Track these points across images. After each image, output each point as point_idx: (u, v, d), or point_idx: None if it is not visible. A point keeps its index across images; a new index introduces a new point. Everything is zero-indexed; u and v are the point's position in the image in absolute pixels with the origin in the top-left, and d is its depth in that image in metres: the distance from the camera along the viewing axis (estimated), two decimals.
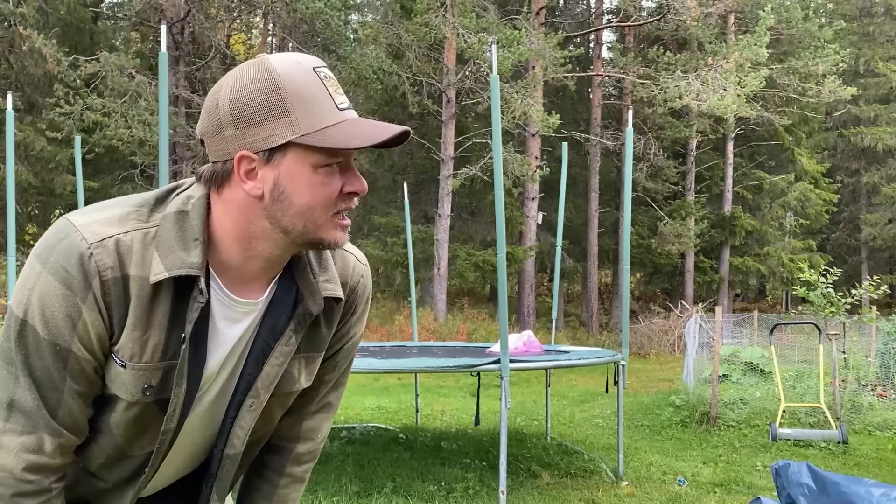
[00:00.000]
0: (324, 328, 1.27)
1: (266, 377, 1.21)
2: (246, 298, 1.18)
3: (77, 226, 1.08)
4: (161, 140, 4.68)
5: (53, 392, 1.10)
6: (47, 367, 1.09)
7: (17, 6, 16.68)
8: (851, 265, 27.64)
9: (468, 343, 9.85)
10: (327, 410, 1.40)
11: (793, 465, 3.71)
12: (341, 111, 1.08)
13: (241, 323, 1.19)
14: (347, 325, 1.33)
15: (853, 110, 26.64)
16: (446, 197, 17.90)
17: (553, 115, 16.62)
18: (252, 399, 1.22)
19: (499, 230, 4.64)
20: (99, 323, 1.08)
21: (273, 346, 1.20)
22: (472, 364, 4.94)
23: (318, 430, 1.39)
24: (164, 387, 1.14)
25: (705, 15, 19.78)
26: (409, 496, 4.78)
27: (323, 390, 1.37)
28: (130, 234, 1.09)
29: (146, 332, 1.10)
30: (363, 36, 18.18)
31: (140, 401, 1.14)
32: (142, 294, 1.09)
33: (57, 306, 1.06)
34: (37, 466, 1.11)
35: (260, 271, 1.17)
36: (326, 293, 1.21)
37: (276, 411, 1.30)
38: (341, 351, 1.35)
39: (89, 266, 1.06)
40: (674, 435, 7.31)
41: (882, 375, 8.92)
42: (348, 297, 1.29)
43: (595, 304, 21.95)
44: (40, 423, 1.10)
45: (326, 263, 1.24)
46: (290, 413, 1.34)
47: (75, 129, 14.60)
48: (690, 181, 22.75)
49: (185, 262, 1.08)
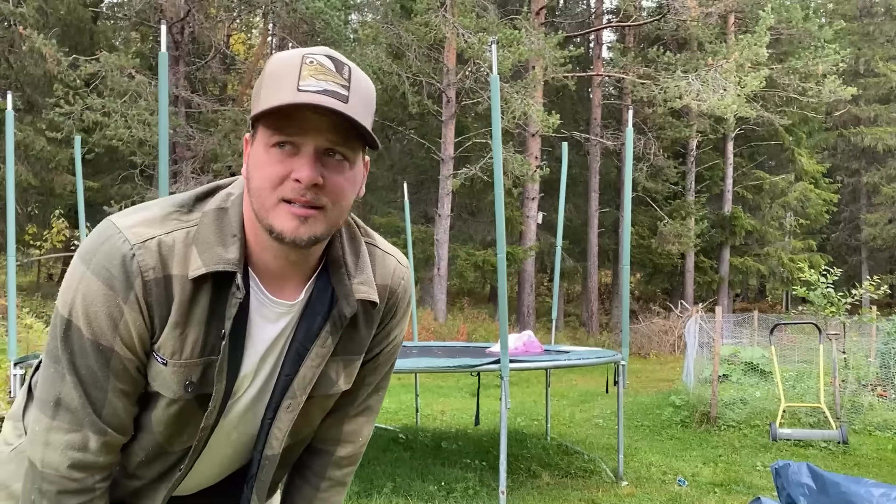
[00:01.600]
0: (363, 330, 1.27)
1: (303, 379, 1.22)
2: (282, 299, 1.19)
3: (120, 227, 1.11)
4: (161, 140, 4.67)
5: (98, 391, 1.12)
6: (91, 366, 1.11)
7: (17, 6, 16.68)
8: (851, 265, 27.64)
9: (468, 343, 9.85)
10: (368, 414, 1.39)
11: (793, 466, 3.71)
12: (301, 92, 1.04)
13: (276, 323, 1.20)
14: (388, 327, 1.32)
15: (853, 110, 26.63)
16: (446, 197, 17.90)
17: (553, 115, 16.61)
18: (289, 400, 1.23)
19: (499, 230, 4.64)
20: (140, 323, 1.10)
21: (309, 348, 1.21)
22: (472, 364, 4.94)
23: (358, 433, 1.38)
24: (204, 383, 1.16)
25: (705, 15, 19.76)
26: (409, 496, 4.78)
27: (363, 393, 1.36)
28: (172, 234, 1.12)
29: (186, 328, 1.12)
30: (363, 36, 18.16)
31: (182, 397, 1.15)
32: (184, 292, 1.11)
33: (99, 306, 1.09)
34: (82, 464, 1.13)
35: (289, 269, 1.18)
36: (360, 295, 1.20)
37: (315, 413, 1.30)
38: (382, 354, 1.34)
39: (132, 267, 1.08)
40: (674, 435, 7.31)
41: (882, 375, 8.92)
42: (389, 300, 1.29)
43: (595, 304, 21.94)
44: (86, 421, 1.12)
45: (363, 265, 1.23)
46: (331, 415, 1.35)
47: (75, 129, 14.59)
48: (690, 181, 22.75)
49: (222, 258, 1.11)
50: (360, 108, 1.08)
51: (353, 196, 1.14)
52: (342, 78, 1.07)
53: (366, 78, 1.12)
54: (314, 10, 15.64)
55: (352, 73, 1.09)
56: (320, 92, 1.05)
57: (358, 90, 1.09)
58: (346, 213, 1.16)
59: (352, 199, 1.14)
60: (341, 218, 1.15)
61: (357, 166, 1.13)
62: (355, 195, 1.15)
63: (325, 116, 1.05)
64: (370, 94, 1.12)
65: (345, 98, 1.06)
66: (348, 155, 1.10)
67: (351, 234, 1.26)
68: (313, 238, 1.10)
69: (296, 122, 1.06)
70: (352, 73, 1.09)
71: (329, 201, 1.10)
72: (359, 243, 1.25)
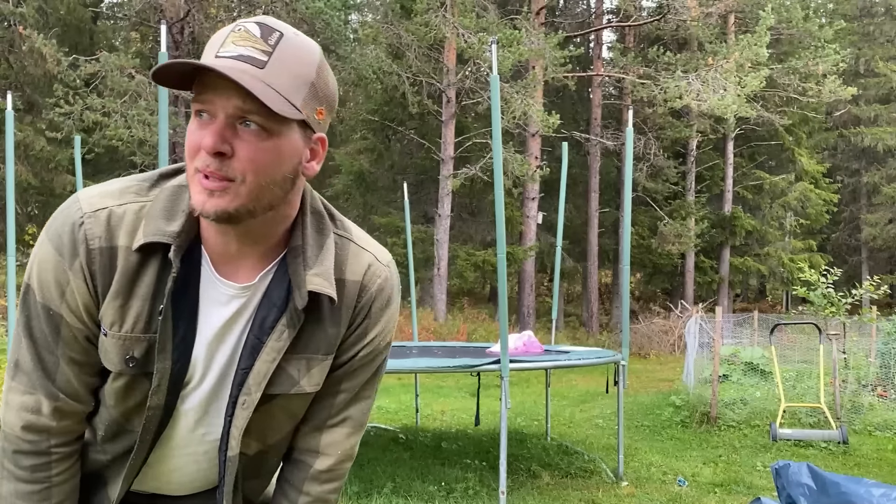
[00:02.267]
0: (329, 328, 1.20)
1: (257, 374, 1.16)
2: (233, 281, 1.15)
3: (79, 197, 1.13)
4: (161, 140, 4.67)
5: (51, 356, 1.13)
6: (43, 330, 1.13)
7: (17, 6, 16.69)
8: (851, 265, 27.64)
9: (468, 343, 9.86)
10: (348, 425, 1.28)
11: (793, 466, 3.71)
12: (217, 58, 1.01)
13: (227, 306, 1.16)
14: (361, 328, 1.24)
15: (853, 110, 26.63)
16: (446, 197, 17.90)
17: (553, 115, 16.61)
18: (244, 396, 1.17)
19: (499, 230, 4.64)
20: (84, 291, 1.11)
21: (265, 341, 1.16)
22: (472, 364, 4.94)
23: (337, 445, 1.28)
24: (148, 360, 1.13)
25: (705, 15, 19.77)
26: (409, 496, 4.77)
27: (340, 400, 1.27)
28: (125, 206, 1.12)
29: (128, 301, 1.11)
30: (363, 36, 18.17)
31: (123, 371, 1.14)
32: (127, 264, 1.10)
33: (49, 271, 1.11)
34: (35, 427, 1.15)
35: (236, 249, 1.14)
36: (312, 287, 1.13)
37: (280, 417, 1.24)
38: (357, 357, 1.25)
39: (78, 234, 1.10)
40: (674, 435, 7.31)
41: (882, 375, 8.92)
42: (360, 298, 1.22)
43: (595, 304, 21.94)
44: (38, 384, 1.14)
45: (324, 257, 1.17)
46: (307, 423, 1.28)
47: (75, 129, 14.59)
48: (690, 181, 22.75)
49: (160, 230, 1.09)
50: (280, 76, 1.02)
51: (277, 170, 1.06)
52: (266, 44, 1.02)
53: (303, 46, 1.06)
54: (314, 10, 15.65)
55: (283, 39, 1.03)
56: (234, 57, 1.00)
57: (284, 57, 1.02)
58: (273, 188, 1.07)
59: (277, 174, 1.06)
60: (264, 193, 1.06)
61: (284, 138, 1.05)
62: (287, 170, 1.08)
63: (232, 82, 0.98)
64: (304, 63, 1.05)
65: (261, 63, 1.01)
66: (265, 124, 1.02)
67: (319, 223, 1.20)
68: (223, 212, 1.04)
69: (209, 89, 1.02)
70: (283, 39, 1.03)
71: (240, 173, 1.03)
72: (325, 234, 1.19)
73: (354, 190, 21.90)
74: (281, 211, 1.13)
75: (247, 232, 1.12)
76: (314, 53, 1.08)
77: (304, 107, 1.05)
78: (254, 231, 1.12)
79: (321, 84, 1.08)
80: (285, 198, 1.12)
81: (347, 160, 21.17)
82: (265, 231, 1.14)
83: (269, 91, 1.00)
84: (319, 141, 1.13)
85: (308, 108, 1.06)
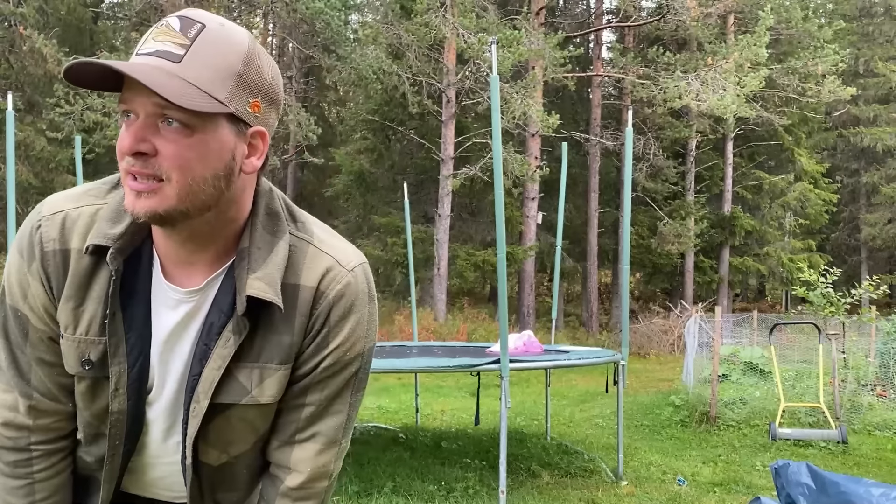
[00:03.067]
0: (283, 336, 1.13)
1: (204, 381, 1.12)
2: (182, 286, 1.13)
3: (46, 201, 1.15)
4: None
5: (23, 355, 1.16)
6: (14, 331, 1.15)
7: (17, 6, 16.69)
8: (851, 265, 27.64)
9: (468, 343, 9.86)
10: (318, 441, 1.20)
11: (792, 465, 3.72)
12: (137, 55, 0.99)
13: (175, 311, 1.14)
14: (319, 336, 1.15)
15: (853, 110, 26.64)
16: (446, 197, 17.90)
17: (553, 115, 16.62)
18: (194, 404, 1.14)
19: (499, 230, 4.64)
20: (41, 292, 1.13)
21: (212, 348, 1.12)
22: (472, 364, 4.94)
23: (306, 462, 1.19)
24: (104, 364, 1.13)
25: (705, 15, 19.77)
26: (409, 496, 4.78)
27: (308, 413, 1.19)
28: (80, 209, 1.13)
29: (81, 304, 1.12)
30: (363, 36, 18.16)
31: (81, 375, 1.14)
32: (79, 266, 1.11)
33: (14, 274, 1.14)
34: (14, 424, 1.17)
35: (185, 253, 1.12)
36: (251, 292, 1.08)
37: (239, 427, 1.18)
38: (319, 369, 1.16)
39: (35, 237, 1.12)
40: (673, 435, 7.32)
41: (881, 375, 8.92)
42: (315, 305, 1.14)
43: (595, 304, 21.95)
44: (13, 383, 1.16)
45: (270, 260, 1.11)
46: (276, 436, 1.22)
47: (75, 129, 14.60)
48: (690, 181, 22.75)
49: (104, 233, 1.09)
50: (198, 69, 0.98)
51: (206, 167, 1.02)
52: (185, 37, 0.99)
53: (227, 36, 1.02)
54: (314, 10, 15.64)
55: (203, 31, 1.00)
56: (151, 53, 0.98)
57: (203, 50, 0.99)
58: (203, 187, 1.02)
59: (207, 171, 1.02)
60: (195, 192, 1.02)
61: (209, 133, 1.01)
62: (217, 167, 1.03)
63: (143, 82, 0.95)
64: (226, 53, 1.01)
65: (177, 58, 0.98)
66: (186, 121, 0.98)
67: (273, 225, 1.14)
68: (153, 213, 1.01)
69: (130, 88, 0.99)
70: (203, 31, 1.00)
71: (166, 172, 1.00)
72: (277, 237, 1.13)
73: (354, 190, 21.90)
74: (226, 212, 1.09)
75: (191, 235, 1.09)
76: (240, 43, 1.02)
77: (230, 100, 1.01)
78: (198, 233, 1.09)
79: (252, 74, 1.03)
80: (221, 197, 1.06)
81: (347, 160, 21.17)
82: (211, 233, 1.10)
83: (184, 86, 0.97)
84: (259, 135, 1.07)
85: (236, 100, 1.01)
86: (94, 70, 0.98)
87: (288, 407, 1.19)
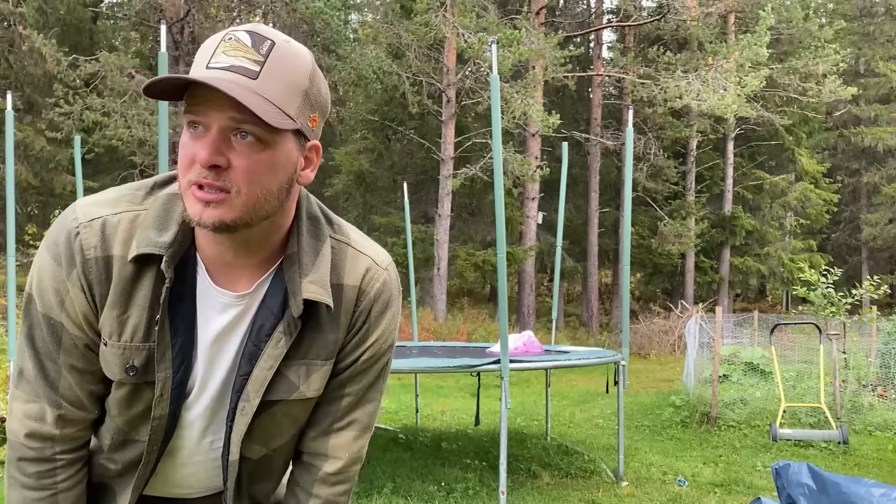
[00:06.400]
0: (328, 334, 1.20)
1: (255, 380, 1.17)
2: (229, 290, 1.15)
3: (76, 207, 1.14)
4: (161, 140, 4.67)
5: (52, 364, 1.15)
6: (45, 339, 1.14)
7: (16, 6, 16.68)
8: (852, 265, 27.64)
9: (468, 343, 9.85)
10: (355, 428, 1.28)
11: (793, 466, 3.71)
12: (208, 69, 1.00)
13: (224, 315, 1.16)
14: (362, 332, 1.23)
15: (853, 110, 26.63)
16: (446, 197, 17.90)
17: (553, 115, 16.61)
18: (244, 403, 1.18)
19: (499, 230, 4.64)
20: (82, 300, 1.12)
21: (262, 348, 1.16)
22: (472, 364, 4.94)
23: (344, 448, 1.27)
24: (149, 369, 1.14)
25: (705, 15, 19.78)
26: (409, 496, 4.77)
27: (345, 404, 1.27)
28: (119, 215, 1.12)
29: (125, 311, 1.12)
30: (363, 36, 18.17)
31: (124, 381, 1.15)
32: (123, 274, 1.11)
33: (48, 281, 1.12)
34: (39, 434, 1.16)
35: (232, 258, 1.14)
36: (308, 295, 1.13)
37: (283, 421, 1.24)
38: (360, 361, 1.24)
39: (75, 244, 1.10)
40: (674, 435, 7.31)
41: (882, 375, 8.91)
42: (358, 302, 1.22)
43: (595, 304, 21.94)
44: (41, 392, 1.15)
45: (319, 263, 1.16)
46: (313, 427, 1.28)
47: (75, 129, 14.59)
48: (690, 181, 22.75)
49: (153, 241, 1.10)
50: (274, 86, 1.01)
51: (273, 181, 1.06)
52: (258, 54, 1.01)
53: (295, 54, 1.05)
54: (314, 10, 15.64)
55: (274, 48, 1.02)
56: (226, 68, 1.00)
57: (276, 66, 1.02)
58: (269, 199, 1.07)
59: (273, 184, 1.06)
60: (261, 204, 1.06)
61: (279, 148, 1.05)
62: (283, 180, 1.08)
63: (225, 94, 0.98)
64: (297, 71, 1.04)
65: (254, 74, 1.00)
66: (260, 135, 1.02)
67: (315, 229, 1.19)
68: (220, 223, 1.04)
69: (202, 101, 1.01)
70: (274, 48, 1.02)
71: (236, 185, 1.03)
72: (321, 240, 1.18)
73: (354, 190, 21.90)
74: (276, 220, 1.13)
75: (243, 241, 1.12)
76: (306, 61, 1.07)
77: (298, 115, 1.05)
78: (250, 240, 1.13)
79: (314, 91, 1.08)
80: (281, 207, 1.11)
81: (347, 160, 21.17)
82: (261, 240, 1.14)
83: (264, 102, 1.00)
84: (314, 148, 1.13)
85: (302, 116, 1.06)
86: (171, 83, 1.01)
87: (327, 399, 1.26)
